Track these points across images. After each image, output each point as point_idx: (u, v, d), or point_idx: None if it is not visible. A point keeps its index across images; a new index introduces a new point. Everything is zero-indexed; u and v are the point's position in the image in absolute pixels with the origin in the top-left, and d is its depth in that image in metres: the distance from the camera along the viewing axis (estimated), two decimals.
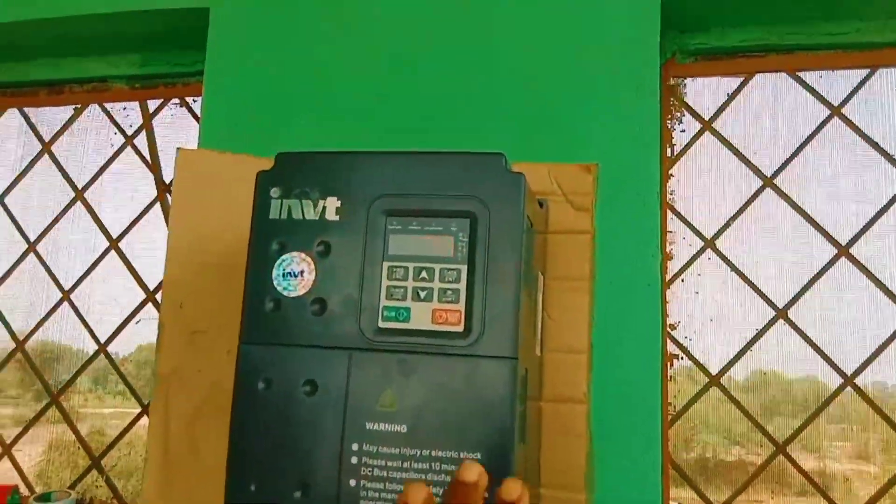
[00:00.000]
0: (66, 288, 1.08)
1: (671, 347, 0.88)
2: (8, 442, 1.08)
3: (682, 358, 0.88)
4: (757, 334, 0.88)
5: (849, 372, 0.85)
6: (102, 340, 1.06)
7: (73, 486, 1.04)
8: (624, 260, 0.77)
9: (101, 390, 1.08)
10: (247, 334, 0.62)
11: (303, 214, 0.63)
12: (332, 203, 0.63)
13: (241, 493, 0.60)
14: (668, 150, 0.91)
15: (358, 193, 0.62)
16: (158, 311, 0.97)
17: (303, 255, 0.62)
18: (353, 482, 0.58)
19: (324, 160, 0.64)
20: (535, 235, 0.68)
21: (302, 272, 0.62)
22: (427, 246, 0.61)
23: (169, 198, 1.04)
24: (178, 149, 0.82)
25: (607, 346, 0.75)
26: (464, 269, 0.60)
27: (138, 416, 1.03)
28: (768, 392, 0.88)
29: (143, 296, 1.05)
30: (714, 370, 0.88)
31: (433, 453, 0.57)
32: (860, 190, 0.88)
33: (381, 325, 0.60)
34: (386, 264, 0.61)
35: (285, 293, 0.62)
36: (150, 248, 1.07)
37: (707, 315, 0.89)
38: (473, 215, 0.60)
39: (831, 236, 0.87)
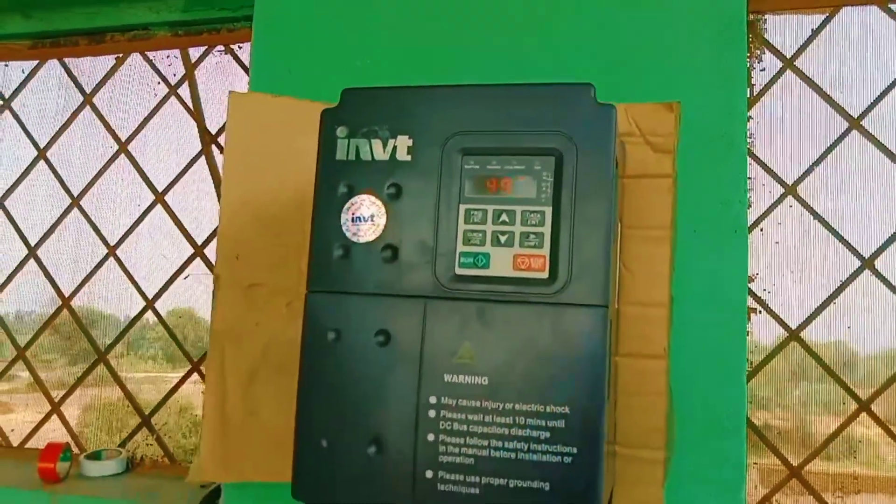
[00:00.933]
0: (112, 243, 1.06)
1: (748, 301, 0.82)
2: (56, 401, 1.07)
3: (759, 312, 0.83)
4: (840, 286, 0.82)
5: None
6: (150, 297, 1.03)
7: (122, 445, 1.02)
8: (708, 206, 0.71)
9: (132, 355, 1.06)
10: (314, 283, 0.59)
11: (372, 155, 0.59)
12: (403, 142, 0.58)
13: (312, 449, 0.56)
14: (747, 91, 0.85)
15: (431, 131, 0.58)
16: (207, 266, 0.95)
17: (372, 198, 0.58)
18: (430, 437, 0.55)
19: (393, 96, 0.60)
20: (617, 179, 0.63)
21: (372, 216, 0.58)
22: (508, 187, 0.57)
23: (214, 150, 1.00)
24: (230, 92, 0.78)
25: (689, 300, 0.70)
26: (548, 210, 0.55)
27: (188, 374, 1.01)
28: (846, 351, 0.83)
29: (190, 251, 1.02)
30: (793, 325, 0.83)
31: (516, 407, 0.54)
32: None
33: (458, 271, 0.56)
34: (463, 207, 0.57)
35: (354, 239, 0.58)
36: (197, 202, 1.04)
37: (787, 267, 0.84)
38: (559, 152, 0.56)
39: None
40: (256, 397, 0.75)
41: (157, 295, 1.03)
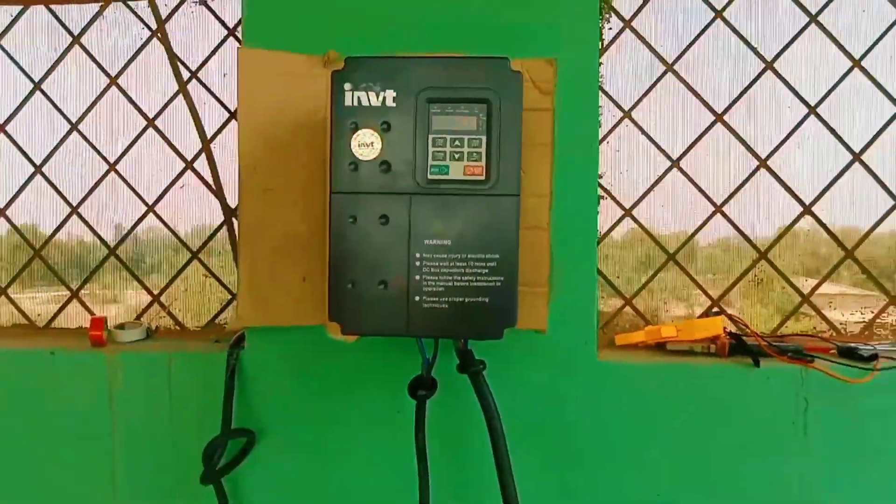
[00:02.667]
0: (111, 161, 1.31)
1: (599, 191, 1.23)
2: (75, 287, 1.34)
3: (605, 198, 1.25)
4: (657, 180, 1.25)
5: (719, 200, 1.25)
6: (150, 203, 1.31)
7: (138, 318, 1.32)
8: (574, 128, 1.10)
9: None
10: (335, 186, 0.92)
11: (369, 102, 0.92)
12: (390, 94, 0.92)
13: (343, 290, 0.92)
14: (600, 45, 1.23)
15: (409, 87, 0.91)
16: (199, 178, 1.25)
17: (371, 130, 0.92)
18: (417, 277, 0.91)
19: (383, 63, 0.92)
20: None
21: (372, 143, 0.92)
22: (458, 123, 0.92)
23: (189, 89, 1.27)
24: (239, 49, 1.07)
25: (562, 191, 1.10)
26: (484, 138, 0.91)
27: (186, 264, 1.31)
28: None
29: (182, 165, 1.30)
30: (627, 204, 1.26)
31: (468, 256, 0.91)
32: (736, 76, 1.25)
33: (430, 177, 0.91)
34: (431, 136, 0.92)
35: (361, 158, 0.92)
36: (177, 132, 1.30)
37: (624, 167, 1.25)
38: (489, 101, 0.91)
39: (710, 105, 1.24)
40: (277, 266, 1.08)
41: (156, 201, 1.31)
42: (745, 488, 1.11)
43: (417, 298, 0.91)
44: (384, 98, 0.91)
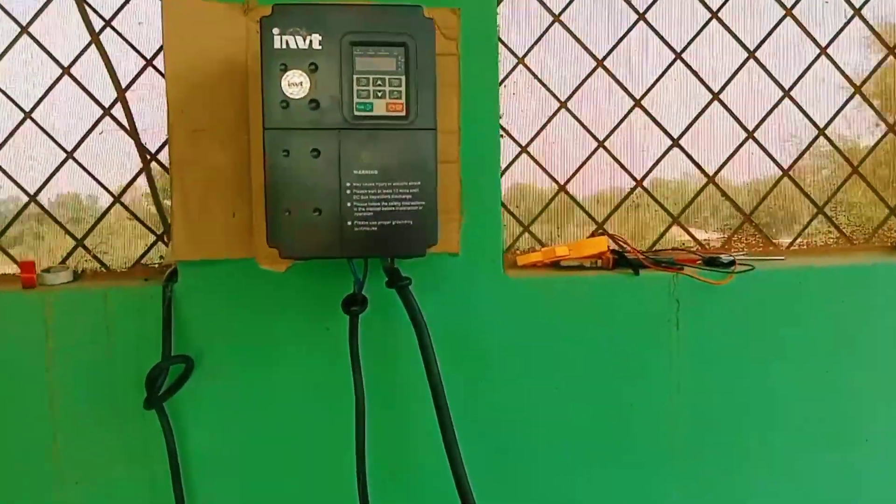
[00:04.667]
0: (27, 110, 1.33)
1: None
2: None
3: (503, 136, 1.40)
4: (545, 122, 1.41)
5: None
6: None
7: (63, 262, 1.36)
8: (476, 71, 1.23)
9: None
10: (268, 123, 1.01)
11: (297, 45, 1.01)
12: (316, 38, 1.01)
13: (279, 217, 1.02)
14: None
15: (333, 31, 1.01)
16: (117, 124, 1.30)
17: (300, 71, 1.01)
18: (349, 203, 1.03)
19: (308, 10, 1.01)
20: None
21: (301, 83, 1.01)
22: (380, 64, 1.03)
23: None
24: None
25: (469, 126, 1.23)
26: (403, 77, 1.03)
27: (111, 206, 1.36)
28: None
29: (100, 112, 1.33)
30: (523, 142, 1.41)
31: (393, 184, 1.03)
32: None
33: (356, 113, 1.02)
34: (355, 76, 1.02)
35: (291, 97, 1.01)
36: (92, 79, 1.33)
37: (519, 109, 1.41)
38: (406, 44, 1.02)
39: (592, 52, 1.41)
40: (208, 203, 1.16)
41: (75, 148, 1.34)
42: (628, 374, 1.31)
43: (349, 223, 1.02)
44: (310, 41, 1.01)
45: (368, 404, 1.16)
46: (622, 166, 1.44)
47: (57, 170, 1.34)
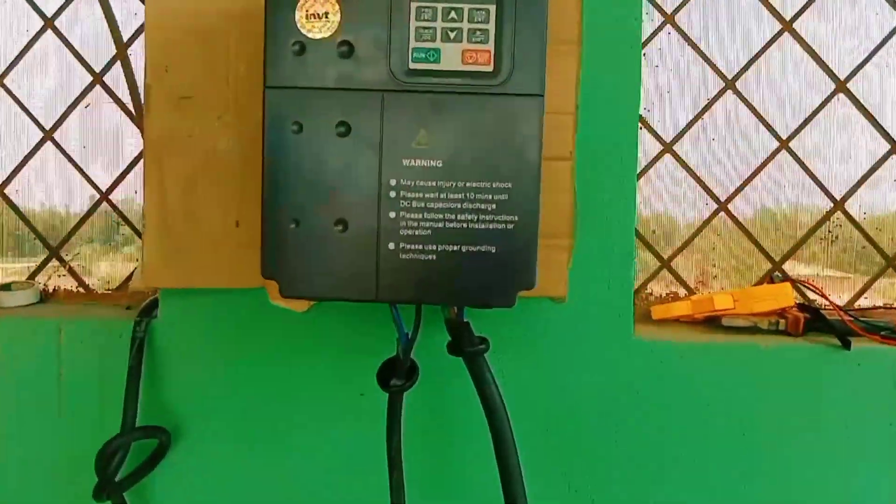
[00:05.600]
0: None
1: None
2: None
3: (640, 128, 0.96)
4: (707, 104, 0.96)
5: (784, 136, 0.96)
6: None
7: (31, 277, 1.01)
8: (608, 25, 0.80)
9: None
10: (271, 78, 0.62)
11: None
12: None
13: (281, 232, 0.62)
14: None
15: None
16: (109, 94, 0.94)
17: None
18: (392, 214, 0.62)
19: None
20: None
21: (326, 14, 0.61)
22: None
23: None
24: None
25: (592, 106, 0.80)
26: (493, 8, 0.61)
27: (97, 204, 1.00)
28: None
29: (90, 78, 0.98)
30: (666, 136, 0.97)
31: (467, 185, 0.62)
32: None
33: (412, 66, 0.62)
34: (413, 4, 0.62)
35: (310, 36, 0.62)
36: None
37: (665, 88, 0.96)
38: None
39: (777, 11, 0.95)
40: (196, 204, 0.78)
41: (56, 125, 1.00)
42: None
43: (392, 246, 0.62)
44: None
45: None
46: (818, 182, 0.97)
47: (31, 154, 0.99)
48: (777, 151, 0.97)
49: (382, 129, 0.61)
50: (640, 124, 0.92)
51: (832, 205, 0.98)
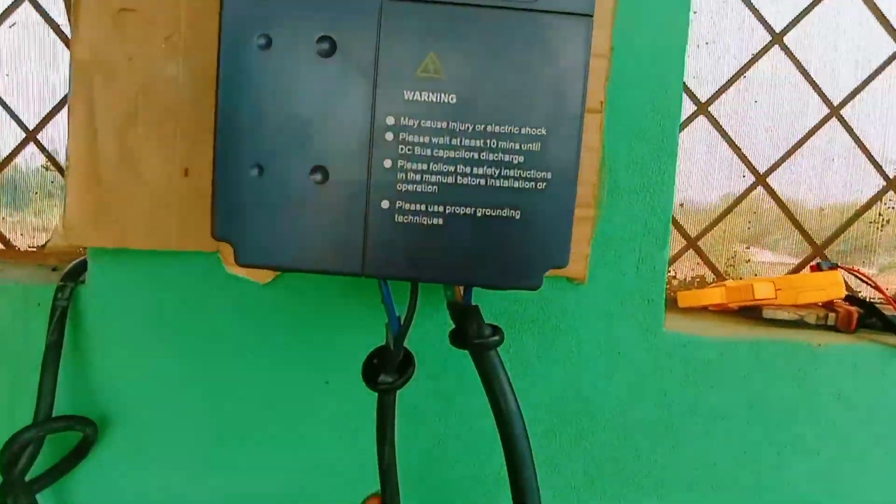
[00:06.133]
0: None
1: None
2: None
3: None
4: (750, 60, 0.82)
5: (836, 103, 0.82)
6: None
7: None
8: None
9: None
10: None
11: None
12: None
13: (240, 179, 0.46)
14: None
15: None
16: (38, 12, 0.77)
17: None
18: (387, 162, 0.47)
19: None
20: None
21: None
22: None
23: None
24: None
25: (628, 51, 0.66)
26: None
27: (22, 143, 0.83)
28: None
29: None
30: (704, 98, 0.82)
31: (488, 128, 0.47)
32: None
33: None
34: None
35: None
36: None
37: (702, 38, 0.82)
38: None
39: None
40: (135, 144, 0.62)
41: None
42: None
43: (386, 205, 0.47)
44: None
45: None
46: (871, 158, 0.83)
47: None
48: (826, 119, 0.83)
49: (378, 49, 0.46)
50: None
51: (884, 183, 0.85)
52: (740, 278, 0.84)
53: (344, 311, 0.66)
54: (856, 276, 0.80)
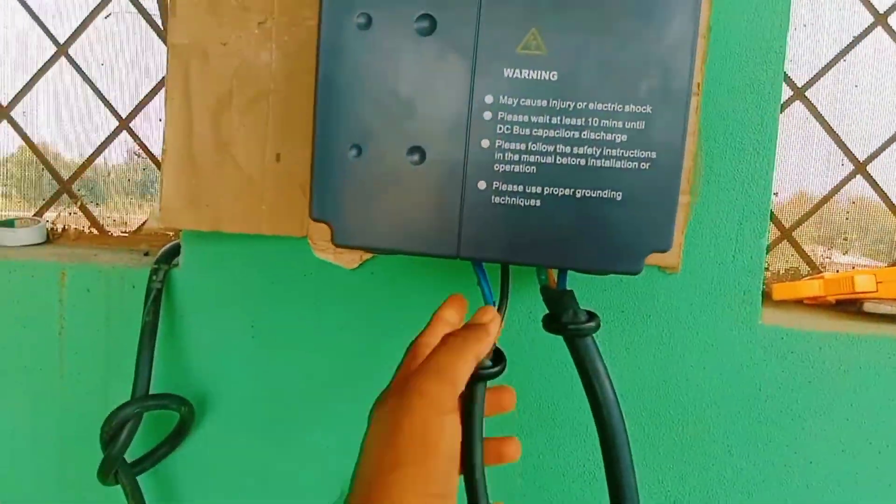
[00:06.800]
0: None
1: None
2: None
3: None
4: (851, 42, 0.78)
5: None
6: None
7: (39, 214, 0.88)
8: None
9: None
10: None
11: None
12: None
13: (339, 161, 0.46)
14: None
15: None
16: (133, 4, 0.79)
17: None
18: (485, 142, 0.46)
19: None
20: None
21: None
22: None
23: None
24: None
25: (728, 29, 0.63)
26: None
27: (115, 133, 0.86)
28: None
29: None
30: (800, 83, 0.79)
31: (590, 106, 0.46)
32: None
33: None
34: None
35: None
36: None
37: (800, 19, 0.78)
38: None
39: None
40: (229, 129, 0.63)
41: (70, 39, 0.85)
42: None
43: (483, 186, 0.46)
44: None
45: None
46: None
47: (41, 73, 0.85)
48: None
49: (479, 27, 0.45)
50: None
51: None
52: (837, 271, 0.80)
53: (432, 298, 0.65)
54: None
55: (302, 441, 0.70)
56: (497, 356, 0.49)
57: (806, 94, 0.79)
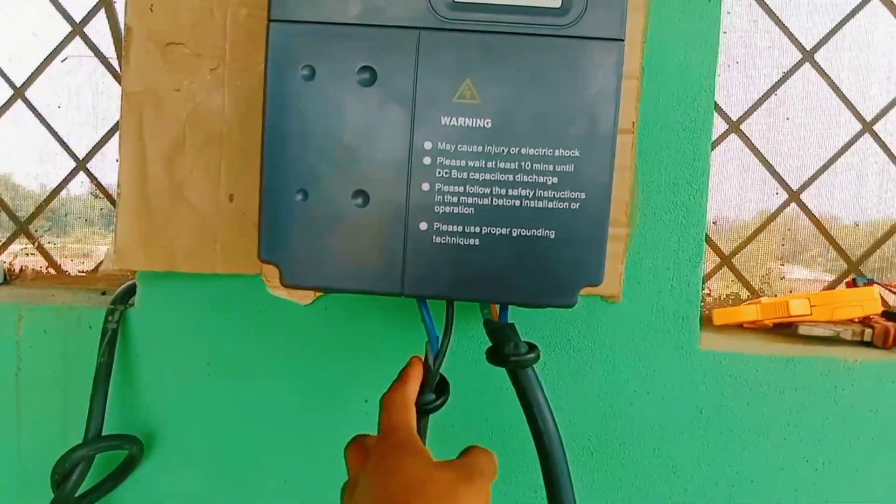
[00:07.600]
0: None
1: None
2: None
3: None
4: (781, 78, 0.83)
5: (869, 119, 0.82)
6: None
7: None
8: None
9: None
10: (278, 7, 0.49)
11: None
12: None
13: (285, 205, 0.49)
14: None
15: None
16: (90, 47, 0.81)
17: None
18: (425, 186, 0.48)
19: None
20: None
21: None
22: None
23: None
24: None
25: (660, 72, 0.67)
26: None
27: (72, 173, 0.87)
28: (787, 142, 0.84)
29: (68, 28, 0.85)
30: (735, 116, 0.83)
31: (522, 151, 0.48)
32: None
33: None
34: None
35: None
36: None
37: (733, 58, 0.82)
38: None
39: None
40: (182, 171, 0.64)
41: (28, 82, 0.86)
42: None
43: (424, 227, 0.48)
44: None
45: None
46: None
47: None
48: (859, 135, 0.83)
49: (417, 78, 0.48)
50: None
51: None
52: (775, 295, 0.83)
53: (383, 332, 0.68)
54: (892, 292, 0.79)
55: (252, 476, 0.71)
56: (441, 387, 0.51)
57: (741, 127, 0.83)
